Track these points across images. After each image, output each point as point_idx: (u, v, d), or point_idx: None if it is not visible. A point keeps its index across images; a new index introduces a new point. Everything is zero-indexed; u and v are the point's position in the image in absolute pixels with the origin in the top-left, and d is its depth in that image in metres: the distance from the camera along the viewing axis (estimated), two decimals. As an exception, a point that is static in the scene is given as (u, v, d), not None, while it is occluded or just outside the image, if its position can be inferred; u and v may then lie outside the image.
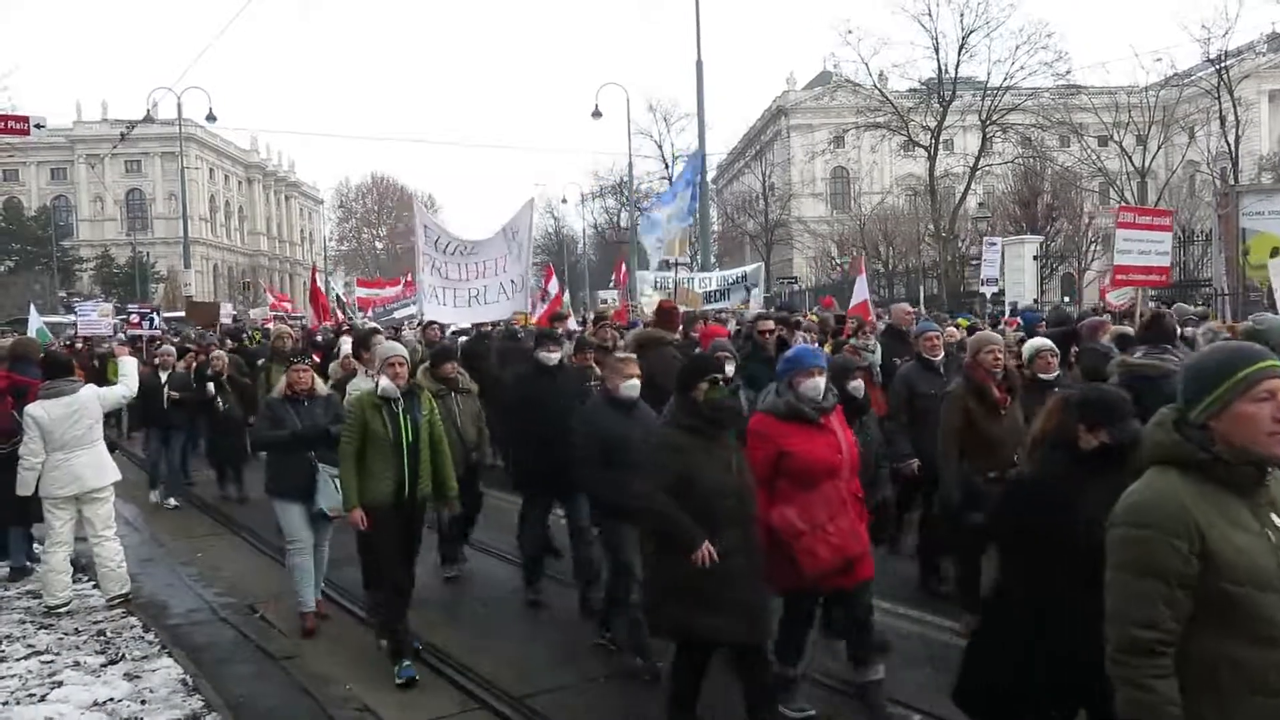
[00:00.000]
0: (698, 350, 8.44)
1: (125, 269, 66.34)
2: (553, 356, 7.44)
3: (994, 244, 21.47)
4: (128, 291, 56.39)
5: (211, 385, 11.76)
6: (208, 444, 12.51)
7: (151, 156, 79.10)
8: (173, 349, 12.77)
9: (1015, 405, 6.31)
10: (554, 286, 18.97)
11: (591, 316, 15.22)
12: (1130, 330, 8.53)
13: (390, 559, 6.21)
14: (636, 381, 6.05)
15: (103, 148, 68.80)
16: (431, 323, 13.33)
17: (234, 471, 12.08)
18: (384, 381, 6.17)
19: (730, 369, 6.63)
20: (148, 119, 39.87)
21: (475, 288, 12.82)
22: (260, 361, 12.25)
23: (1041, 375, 6.65)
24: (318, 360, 13.30)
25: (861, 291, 14.31)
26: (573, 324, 16.72)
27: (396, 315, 21.93)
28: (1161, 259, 10.96)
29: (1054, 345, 6.94)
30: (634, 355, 6.55)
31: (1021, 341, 9.59)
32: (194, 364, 12.35)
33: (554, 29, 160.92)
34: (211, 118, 36.91)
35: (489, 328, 14.09)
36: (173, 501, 11.70)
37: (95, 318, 21.26)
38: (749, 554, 4.71)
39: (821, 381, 5.15)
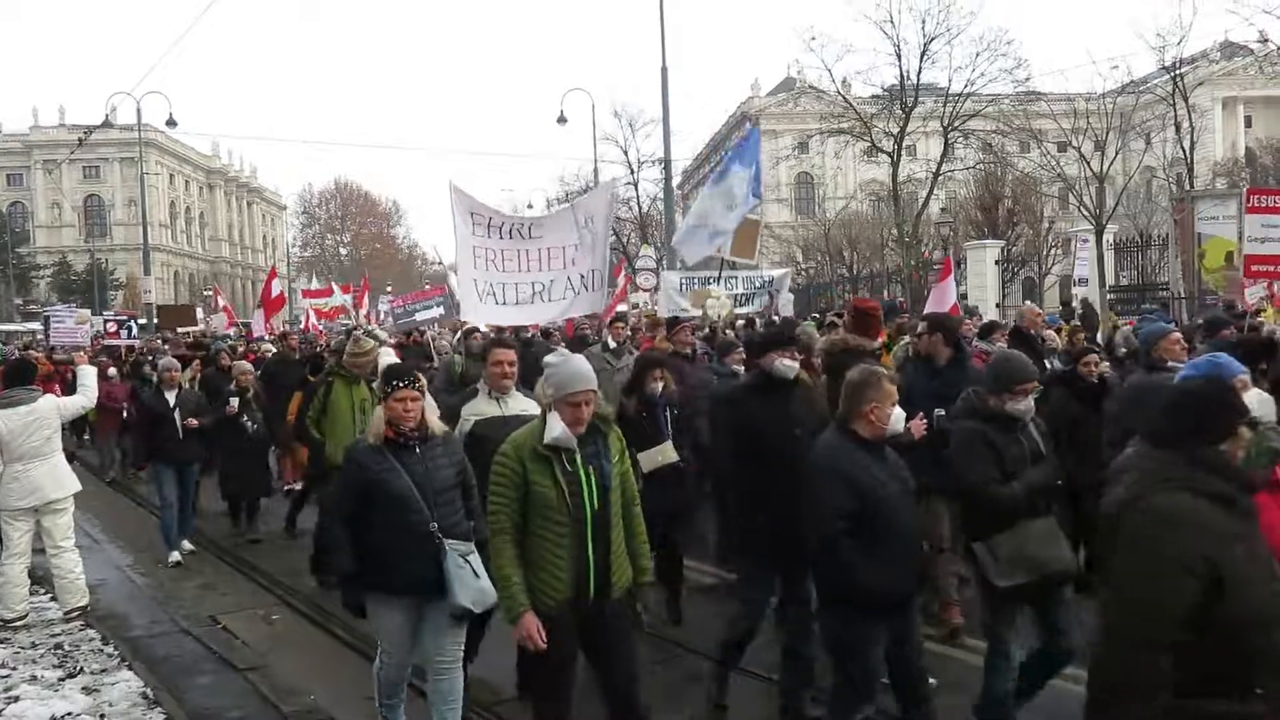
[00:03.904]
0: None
1: (84, 276, 65.42)
2: (791, 366, 5.32)
3: (1086, 241, 20.41)
4: (86, 299, 55.49)
5: (236, 401, 10.11)
6: (222, 473, 10.63)
7: (110, 162, 78.11)
8: (176, 362, 10.72)
9: None
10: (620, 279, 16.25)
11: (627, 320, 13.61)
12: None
13: (561, 682, 4.21)
14: (901, 413, 4.41)
15: (60, 153, 67.84)
16: (474, 329, 11.06)
17: (249, 507, 10.44)
18: (558, 426, 4.02)
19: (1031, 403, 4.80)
20: (106, 124, 39.46)
21: (540, 281, 10.30)
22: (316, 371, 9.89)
23: None
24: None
25: (951, 295, 13.35)
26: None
27: (418, 318, 20.71)
28: None
29: None
30: (890, 373, 4.72)
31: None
32: (198, 375, 11.05)
33: (519, 35, 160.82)
34: (172, 123, 36.49)
35: (529, 333, 12.36)
36: (187, 545, 9.75)
37: (71, 325, 20.27)
38: None
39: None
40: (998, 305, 26.89)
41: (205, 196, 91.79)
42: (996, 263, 31.03)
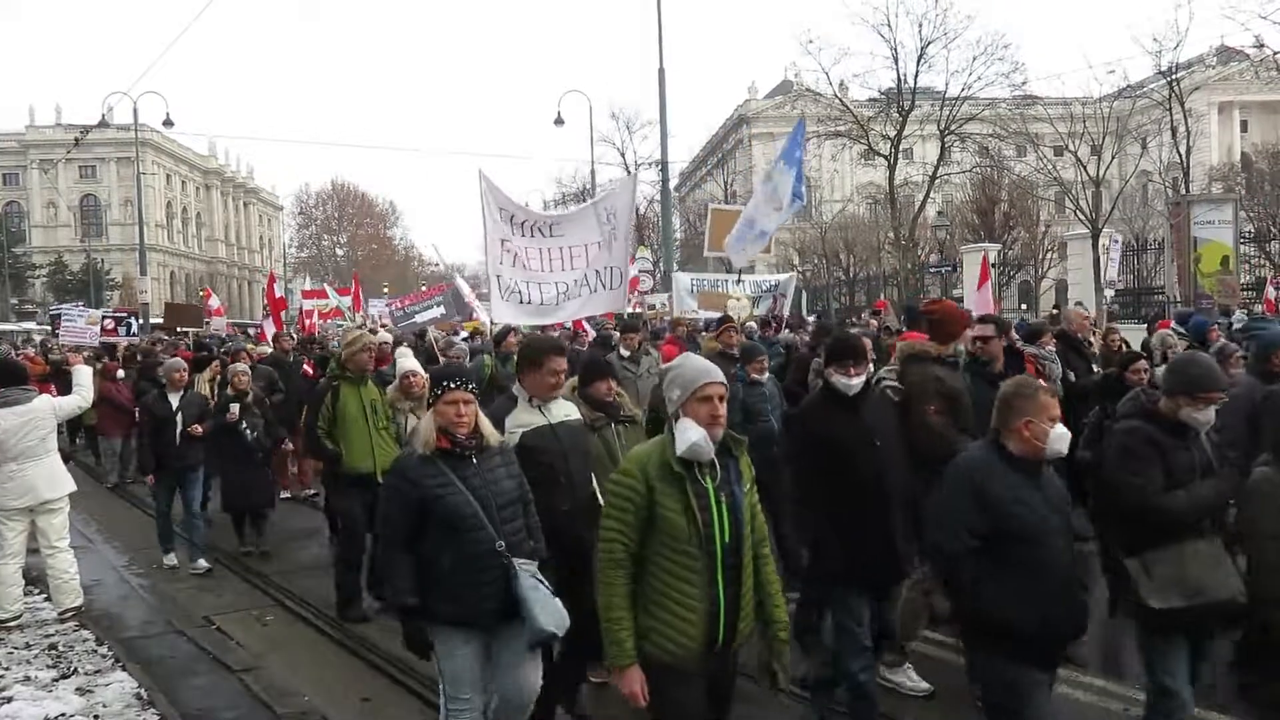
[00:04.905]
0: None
1: (80, 276, 65.25)
2: (854, 382, 4.86)
3: (1116, 241, 20.34)
4: (82, 299, 55.40)
5: (236, 408, 9.38)
6: (223, 483, 9.94)
7: (107, 162, 77.97)
8: (183, 363, 10.12)
9: None
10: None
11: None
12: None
13: None
14: (1064, 431, 3.88)
15: (56, 153, 67.80)
16: (508, 329, 10.83)
17: (254, 518, 9.78)
18: (692, 431, 3.47)
19: None
20: (103, 124, 39.42)
21: (564, 281, 9.94)
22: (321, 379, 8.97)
23: None
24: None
25: (989, 299, 12.88)
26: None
27: (418, 319, 20.09)
28: None
29: None
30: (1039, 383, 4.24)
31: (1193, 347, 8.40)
32: (217, 376, 10.46)
33: (517, 36, 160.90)
34: (168, 123, 36.51)
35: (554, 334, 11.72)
36: (203, 563, 9.11)
37: (82, 325, 20.12)
38: None
39: None
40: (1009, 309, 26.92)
41: (202, 197, 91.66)
42: (993, 265, 31.10)
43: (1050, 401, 3.86)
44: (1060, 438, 3.82)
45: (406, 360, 7.97)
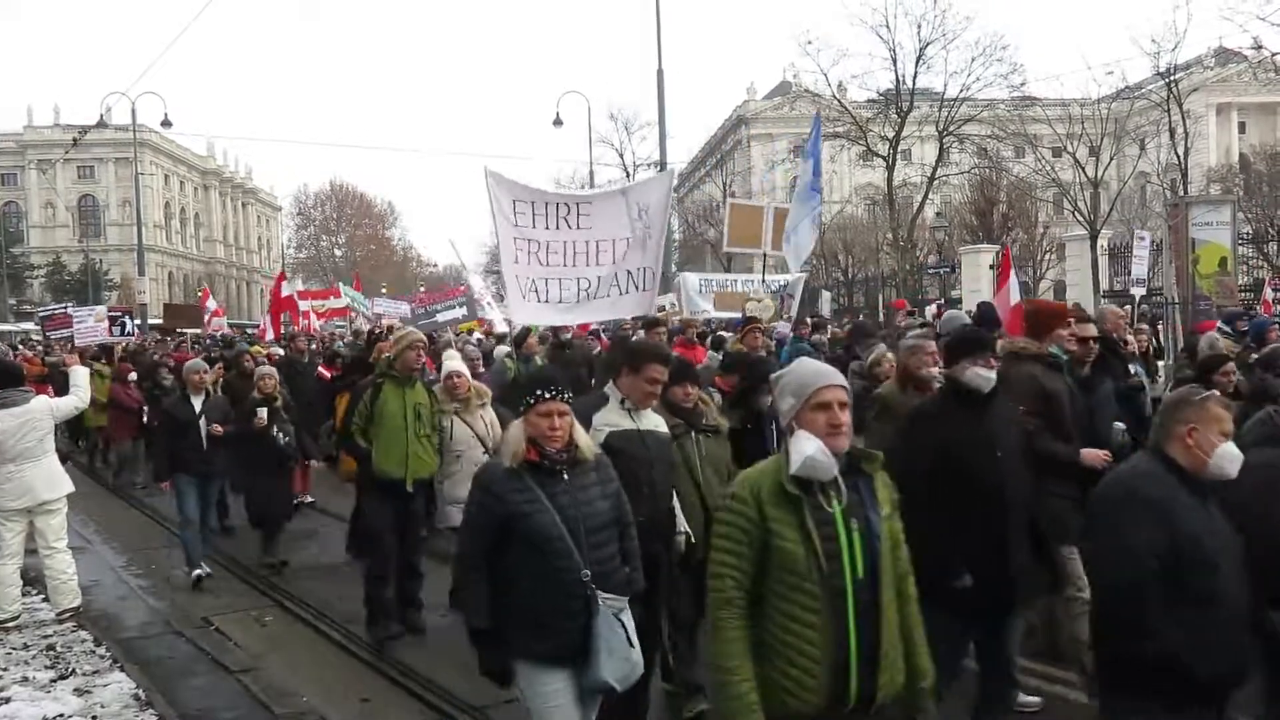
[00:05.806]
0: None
1: (78, 277, 65.18)
2: (988, 378, 4.38)
3: (1144, 238, 19.83)
4: (80, 300, 55.40)
5: (264, 412, 8.92)
6: (246, 491, 9.41)
7: (105, 162, 77.89)
8: (204, 364, 9.70)
9: None
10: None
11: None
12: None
13: None
14: (1235, 451, 3.40)
15: (55, 153, 67.72)
16: (527, 331, 10.41)
17: (271, 528, 9.27)
18: (807, 443, 3.02)
19: None
20: (101, 124, 39.37)
21: (586, 277, 9.39)
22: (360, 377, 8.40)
23: None
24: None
25: (1015, 295, 12.41)
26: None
27: (440, 319, 19.47)
28: None
29: None
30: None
31: (1248, 351, 7.82)
32: (219, 379, 10.19)
33: (516, 37, 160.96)
34: (167, 123, 36.48)
35: (568, 333, 11.75)
36: (204, 568, 8.76)
37: (91, 324, 20.46)
38: None
39: None
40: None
41: (200, 197, 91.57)
42: (991, 267, 31.08)
43: (1222, 413, 3.39)
44: (1229, 457, 3.35)
45: (453, 361, 7.74)
